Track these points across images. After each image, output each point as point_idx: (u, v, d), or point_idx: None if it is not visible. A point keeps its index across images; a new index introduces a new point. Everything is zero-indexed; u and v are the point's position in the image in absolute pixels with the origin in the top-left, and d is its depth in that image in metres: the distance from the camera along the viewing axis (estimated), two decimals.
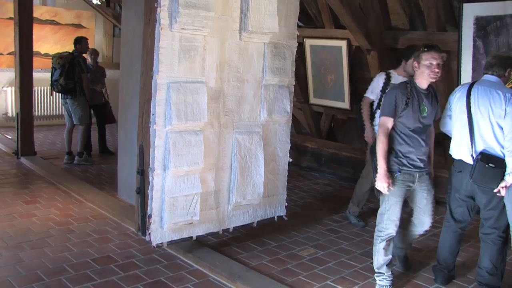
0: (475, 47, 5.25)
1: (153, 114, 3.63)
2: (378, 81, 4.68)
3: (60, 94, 7.09)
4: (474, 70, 5.30)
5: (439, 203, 4.26)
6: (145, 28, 3.83)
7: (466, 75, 5.37)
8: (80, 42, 7.01)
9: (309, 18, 7.45)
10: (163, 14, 3.55)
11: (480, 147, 3.41)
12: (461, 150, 3.54)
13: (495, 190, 3.36)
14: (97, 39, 10.86)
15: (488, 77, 3.48)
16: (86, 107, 7.02)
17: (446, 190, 3.82)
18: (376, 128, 4.54)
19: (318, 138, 8.15)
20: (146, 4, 3.82)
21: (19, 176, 6.35)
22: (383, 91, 4.55)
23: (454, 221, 3.70)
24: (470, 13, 5.22)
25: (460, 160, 3.55)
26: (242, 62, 4.11)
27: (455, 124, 3.59)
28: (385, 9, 6.22)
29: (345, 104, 7.29)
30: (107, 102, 7.67)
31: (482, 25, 5.16)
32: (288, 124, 4.58)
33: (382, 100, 3.80)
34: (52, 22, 10.10)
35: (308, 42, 7.40)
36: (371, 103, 4.76)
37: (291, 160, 4.65)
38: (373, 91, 4.72)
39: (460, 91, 3.59)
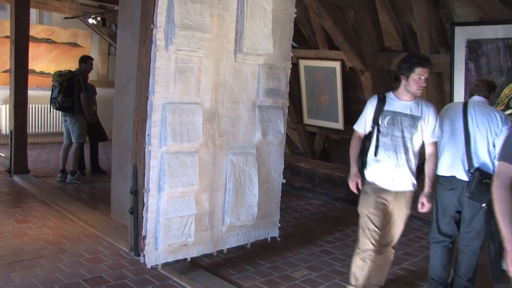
0: (467, 69, 5.33)
1: (148, 135, 3.62)
2: (367, 108, 3.51)
3: (58, 111, 7.12)
4: (466, 91, 5.37)
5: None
6: (140, 48, 3.85)
7: (458, 96, 5.44)
8: (86, 61, 7.05)
9: (303, 39, 7.53)
10: (159, 35, 3.57)
11: (475, 164, 3.58)
12: (453, 167, 3.67)
13: (484, 205, 3.47)
14: None
15: (477, 98, 3.79)
16: (84, 125, 7.02)
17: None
18: (366, 172, 3.51)
19: (311, 158, 8.18)
20: (142, 25, 3.85)
21: (12, 194, 6.30)
22: (375, 121, 3.42)
23: (443, 236, 3.81)
24: (462, 36, 5.31)
25: (453, 177, 3.67)
26: (237, 83, 4.14)
27: (448, 142, 3.71)
28: (379, 31, 6.31)
29: (339, 125, 7.34)
30: (98, 120, 7.68)
31: (474, 48, 5.24)
32: (282, 145, 4.59)
33: (506, 138, 2.38)
34: (48, 41, 10.14)
35: (302, 63, 7.47)
36: (365, 137, 3.54)
37: (284, 180, 4.65)
38: (361, 122, 3.55)
39: (454, 109, 3.80)
